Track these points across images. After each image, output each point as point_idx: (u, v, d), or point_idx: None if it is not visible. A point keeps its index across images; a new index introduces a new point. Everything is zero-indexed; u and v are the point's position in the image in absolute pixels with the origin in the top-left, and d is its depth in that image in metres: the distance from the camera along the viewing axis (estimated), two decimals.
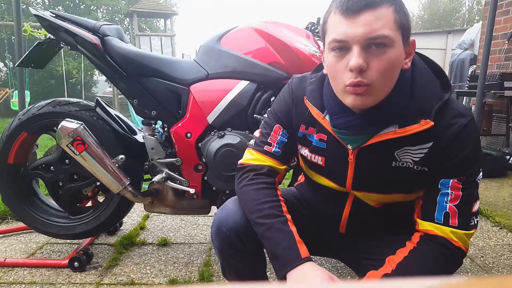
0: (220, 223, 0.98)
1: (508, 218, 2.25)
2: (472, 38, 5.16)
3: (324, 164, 0.96)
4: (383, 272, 0.84)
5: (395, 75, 0.79)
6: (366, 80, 0.76)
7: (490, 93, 3.61)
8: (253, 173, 0.98)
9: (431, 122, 0.80)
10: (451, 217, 0.83)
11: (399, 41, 0.77)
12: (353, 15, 0.74)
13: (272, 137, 1.01)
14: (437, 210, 0.84)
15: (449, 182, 0.83)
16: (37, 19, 1.57)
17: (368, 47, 0.75)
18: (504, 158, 3.32)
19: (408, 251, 0.85)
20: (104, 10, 12.03)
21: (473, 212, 0.85)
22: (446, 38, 9.25)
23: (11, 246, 1.84)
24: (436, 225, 0.84)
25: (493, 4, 2.69)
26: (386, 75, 0.77)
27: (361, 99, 0.79)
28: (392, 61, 0.76)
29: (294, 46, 1.50)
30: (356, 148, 0.88)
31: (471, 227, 0.85)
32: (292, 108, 0.99)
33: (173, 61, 1.59)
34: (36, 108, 1.60)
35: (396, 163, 0.87)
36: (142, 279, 1.55)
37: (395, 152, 0.86)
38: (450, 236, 0.83)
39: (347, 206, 0.99)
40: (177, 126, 1.54)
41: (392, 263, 0.85)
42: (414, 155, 0.85)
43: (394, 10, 0.75)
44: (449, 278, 0.30)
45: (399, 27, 0.76)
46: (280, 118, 1.01)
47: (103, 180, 1.49)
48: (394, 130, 0.82)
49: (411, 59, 0.82)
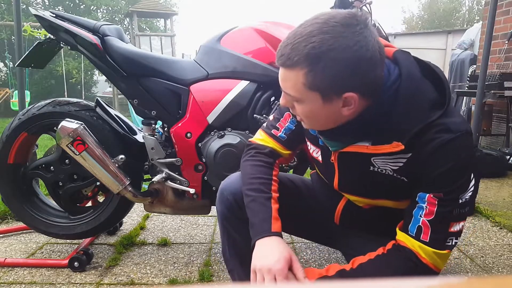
0: (223, 188, 1.08)
1: (508, 218, 2.25)
2: (472, 38, 5.16)
3: (322, 161, 1.01)
4: (341, 268, 0.87)
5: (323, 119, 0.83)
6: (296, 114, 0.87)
7: (490, 93, 3.61)
8: (255, 151, 1.06)
9: (402, 145, 0.80)
10: (423, 232, 0.81)
11: (313, 99, 0.79)
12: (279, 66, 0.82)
13: (281, 122, 1.07)
14: (412, 222, 0.83)
15: (425, 197, 0.81)
16: (37, 19, 1.57)
17: None
18: (504, 158, 3.32)
19: (375, 255, 0.87)
20: (104, 10, 12.02)
21: (451, 232, 0.81)
22: (446, 38, 9.24)
23: (11, 246, 1.84)
24: (408, 237, 0.84)
25: (493, 4, 2.69)
26: (309, 119, 0.84)
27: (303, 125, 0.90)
28: (309, 112, 0.82)
29: None
30: (335, 151, 0.93)
31: (445, 247, 0.81)
32: None
33: (173, 61, 1.59)
34: (36, 108, 1.60)
35: (374, 169, 0.88)
36: (142, 279, 1.55)
37: (371, 158, 0.88)
38: (417, 250, 0.82)
39: (342, 201, 1.06)
40: (177, 126, 1.54)
41: (356, 262, 0.87)
42: (392, 163, 0.85)
43: (305, 74, 0.75)
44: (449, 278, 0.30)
45: (312, 89, 0.77)
46: None
47: (103, 180, 1.49)
48: (367, 146, 0.86)
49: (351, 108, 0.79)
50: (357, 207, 1.02)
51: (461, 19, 20.94)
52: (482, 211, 2.33)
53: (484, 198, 2.63)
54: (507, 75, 3.68)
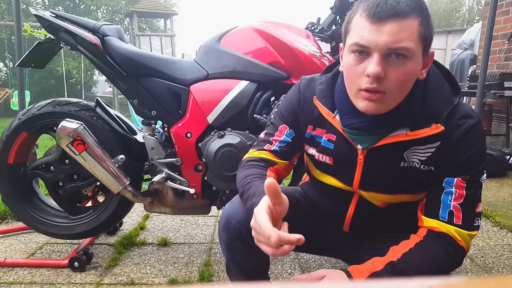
0: (229, 216, 0.99)
1: (508, 218, 2.25)
2: (472, 38, 5.16)
3: (333, 163, 0.97)
4: (389, 260, 0.84)
5: (410, 85, 0.81)
6: (382, 88, 0.78)
7: (490, 93, 3.61)
8: (246, 161, 1.01)
9: (442, 127, 0.82)
10: (455, 216, 0.84)
11: (419, 53, 0.78)
12: (379, 22, 0.75)
13: (276, 137, 1.02)
14: (442, 208, 0.85)
15: (454, 181, 0.84)
16: (37, 19, 1.57)
17: (388, 56, 0.76)
18: (504, 158, 3.32)
19: (414, 243, 0.85)
20: (104, 10, 12.02)
21: (477, 212, 0.85)
22: (446, 38, 9.26)
23: (11, 246, 1.84)
24: (441, 222, 0.85)
25: (493, 4, 2.69)
26: (401, 85, 0.79)
27: (374, 106, 0.80)
28: (409, 73, 0.78)
29: (294, 46, 1.50)
30: (366, 148, 0.89)
31: (474, 228, 0.85)
32: (298, 109, 1.00)
33: (173, 61, 1.59)
34: (36, 108, 1.60)
35: (405, 163, 0.88)
36: (142, 279, 1.55)
37: (404, 152, 0.87)
38: (454, 234, 0.83)
39: (352, 206, 1.00)
40: (177, 126, 1.54)
41: (398, 252, 0.85)
42: (422, 154, 0.87)
43: (420, 23, 0.76)
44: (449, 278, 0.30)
45: (422, 40, 0.77)
46: (286, 118, 1.02)
47: (103, 180, 1.49)
48: (405, 133, 0.84)
49: (427, 70, 0.83)
50: (370, 208, 0.97)
51: (461, 19, 20.95)
52: (482, 211, 2.33)
53: (484, 198, 2.63)
54: (507, 75, 3.68)
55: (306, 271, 1.62)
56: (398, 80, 0.77)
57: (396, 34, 0.74)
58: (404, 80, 0.78)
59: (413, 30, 0.75)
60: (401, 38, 0.74)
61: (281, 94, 1.50)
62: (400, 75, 0.77)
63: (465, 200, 0.83)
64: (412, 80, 0.81)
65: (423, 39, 0.77)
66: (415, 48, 0.76)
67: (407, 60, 0.76)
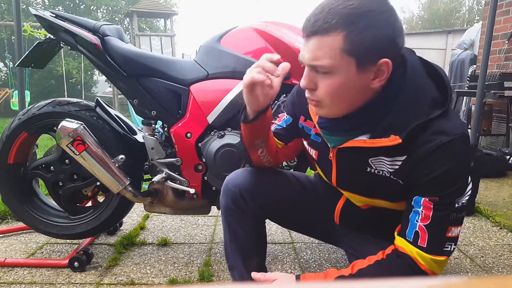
0: (227, 181, 1.10)
1: (508, 218, 2.25)
2: (472, 38, 5.16)
3: (317, 158, 1.02)
4: (340, 273, 0.87)
5: (350, 95, 0.80)
6: (314, 98, 0.83)
7: (490, 93, 3.61)
8: None
9: (400, 139, 0.79)
10: (420, 237, 0.80)
11: (347, 68, 0.76)
12: (306, 38, 0.78)
13: (275, 121, 1.12)
14: (409, 227, 0.82)
15: (421, 200, 0.81)
16: (37, 19, 1.57)
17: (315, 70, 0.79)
18: (504, 158, 3.32)
19: (374, 261, 0.86)
20: (104, 10, 12.03)
21: (448, 237, 0.80)
22: (446, 38, 9.25)
23: (11, 246, 1.84)
24: (406, 242, 0.83)
25: (493, 4, 2.69)
26: (333, 96, 0.80)
27: (318, 111, 0.87)
28: (338, 86, 0.78)
29: (294, 46, 1.50)
30: (334, 147, 0.92)
31: (442, 253, 0.80)
32: (296, 99, 1.06)
33: (173, 61, 1.59)
34: (36, 108, 1.60)
35: (371, 170, 0.88)
36: (142, 279, 1.55)
37: (369, 159, 0.87)
38: (415, 257, 0.81)
39: (341, 201, 1.05)
40: (177, 126, 1.54)
41: (356, 267, 0.87)
42: (389, 165, 0.85)
43: (344, 37, 0.73)
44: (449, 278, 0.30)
45: (350, 54, 0.75)
46: (288, 107, 1.11)
47: (103, 180, 1.49)
48: (364, 140, 0.85)
49: (382, 79, 0.78)
50: (355, 207, 1.01)
51: (461, 19, 20.96)
52: (482, 211, 2.33)
53: (484, 198, 2.63)
54: (507, 75, 3.68)
55: (306, 271, 1.62)
56: (327, 92, 0.80)
57: (313, 52, 0.77)
58: (334, 92, 0.79)
59: (332, 47, 0.74)
60: (317, 55, 0.76)
61: (281, 94, 1.50)
62: (327, 88, 0.79)
63: (432, 222, 0.79)
64: (351, 91, 0.79)
65: (352, 52, 0.74)
66: (337, 64, 0.75)
67: (332, 75, 0.77)
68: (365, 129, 0.85)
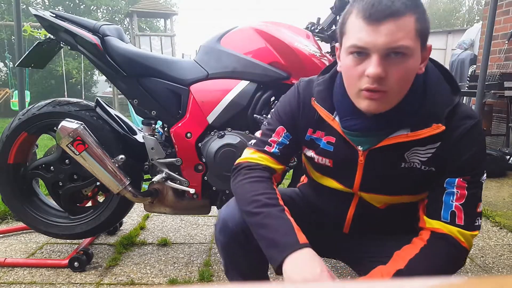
0: (225, 219, 0.99)
1: (508, 218, 2.25)
2: (472, 38, 5.16)
3: (332, 166, 0.96)
4: (396, 268, 0.83)
5: (410, 81, 0.81)
6: (383, 87, 0.77)
7: (490, 93, 3.61)
8: (248, 169, 0.98)
9: (443, 126, 0.82)
10: (457, 216, 0.84)
11: (417, 49, 0.78)
12: (376, 23, 0.74)
13: (274, 138, 1.00)
14: (444, 208, 0.85)
15: (455, 181, 0.85)
16: (37, 19, 1.57)
17: (388, 55, 0.76)
18: (504, 158, 3.32)
19: (419, 248, 0.85)
20: (104, 10, 12.02)
21: (478, 212, 0.86)
22: (446, 38, 9.26)
23: (11, 246, 1.84)
24: (443, 223, 0.85)
25: (493, 4, 2.69)
26: (403, 82, 0.79)
27: (375, 105, 0.80)
28: (409, 69, 0.78)
29: (294, 46, 1.50)
30: (366, 149, 0.89)
31: (475, 228, 0.85)
32: (298, 112, 0.98)
33: (173, 61, 1.59)
34: (36, 108, 1.60)
35: (405, 164, 0.88)
36: (142, 279, 1.55)
37: (405, 153, 0.87)
38: (457, 236, 0.83)
39: (352, 207, 0.99)
40: (177, 126, 1.54)
41: (403, 258, 0.84)
42: (422, 155, 0.87)
43: (416, 19, 0.76)
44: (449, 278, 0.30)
45: (419, 36, 0.77)
46: (284, 120, 1.00)
47: (103, 180, 1.49)
48: (406, 134, 0.84)
49: (425, 63, 0.83)
50: (370, 209, 0.97)
51: (461, 19, 20.96)
52: (482, 211, 2.33)
53: (484, 198, 2.63)
54: (507, 75, 3.68)
55: None
56: (399, 78, 0.77)
57: (393, 34, 0.74)
58: (405, 77, 0.78)
59: (410, 28, 0.75)
60: (399, 37, 0.74)
61: (281, 94, 1.49)
62: (400, 73, 0.77)
63: (466, 200, 0.84)
64: (412, 76, 0.81)
65: (421, 34, 0.77)
66: (414, 45, 0.76)
67: (407, 57, 0.76)
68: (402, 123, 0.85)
